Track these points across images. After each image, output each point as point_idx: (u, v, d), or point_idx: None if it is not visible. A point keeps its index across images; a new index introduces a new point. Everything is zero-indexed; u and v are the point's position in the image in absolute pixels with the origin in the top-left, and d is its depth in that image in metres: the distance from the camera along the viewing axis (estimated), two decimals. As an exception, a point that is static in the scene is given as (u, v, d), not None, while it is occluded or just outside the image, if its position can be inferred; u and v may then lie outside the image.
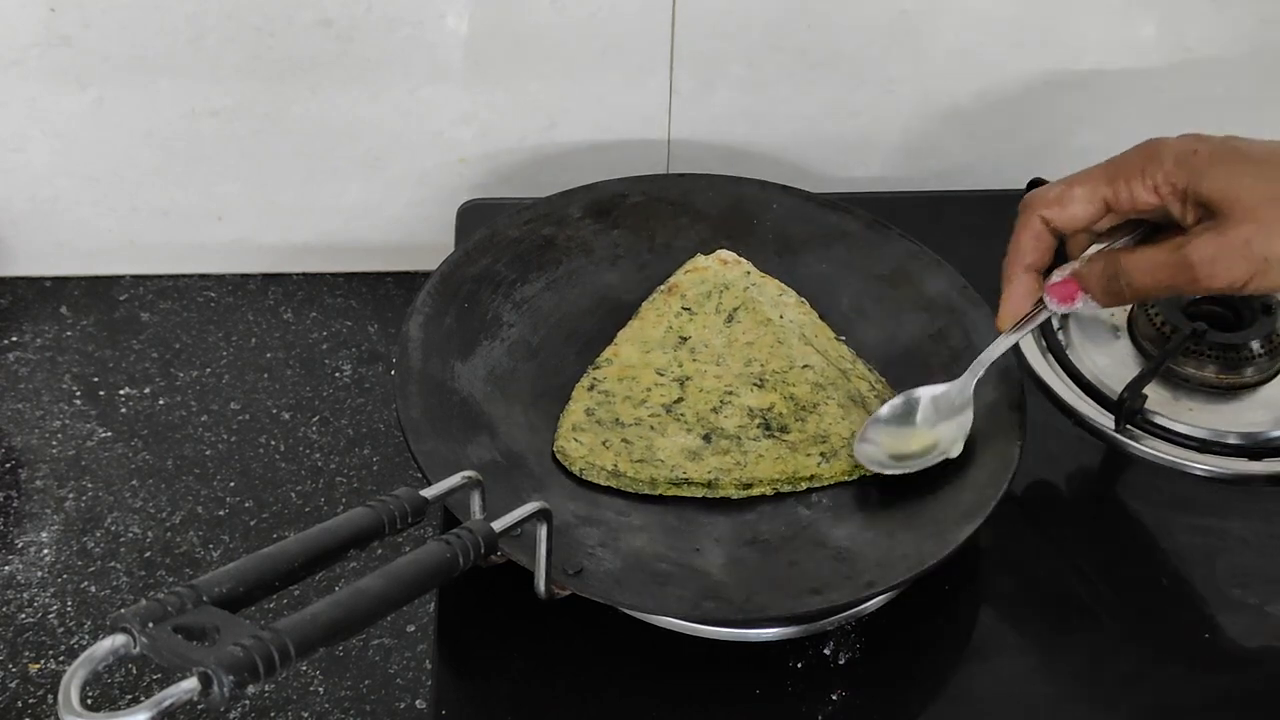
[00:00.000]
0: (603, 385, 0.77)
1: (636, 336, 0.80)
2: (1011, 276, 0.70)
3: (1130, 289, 0.67)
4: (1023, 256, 0.70)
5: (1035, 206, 0.69)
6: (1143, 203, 0.67)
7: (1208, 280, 0.64)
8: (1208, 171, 0.64)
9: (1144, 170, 0.66)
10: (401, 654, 0.73)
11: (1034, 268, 0.70)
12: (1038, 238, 0.69)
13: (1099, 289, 0.68)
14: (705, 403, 0.77)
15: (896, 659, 0.70)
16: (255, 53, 0.88)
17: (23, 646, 0.73)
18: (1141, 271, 0.66)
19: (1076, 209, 0.68)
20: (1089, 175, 0.68)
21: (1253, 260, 0.63)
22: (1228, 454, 0.80)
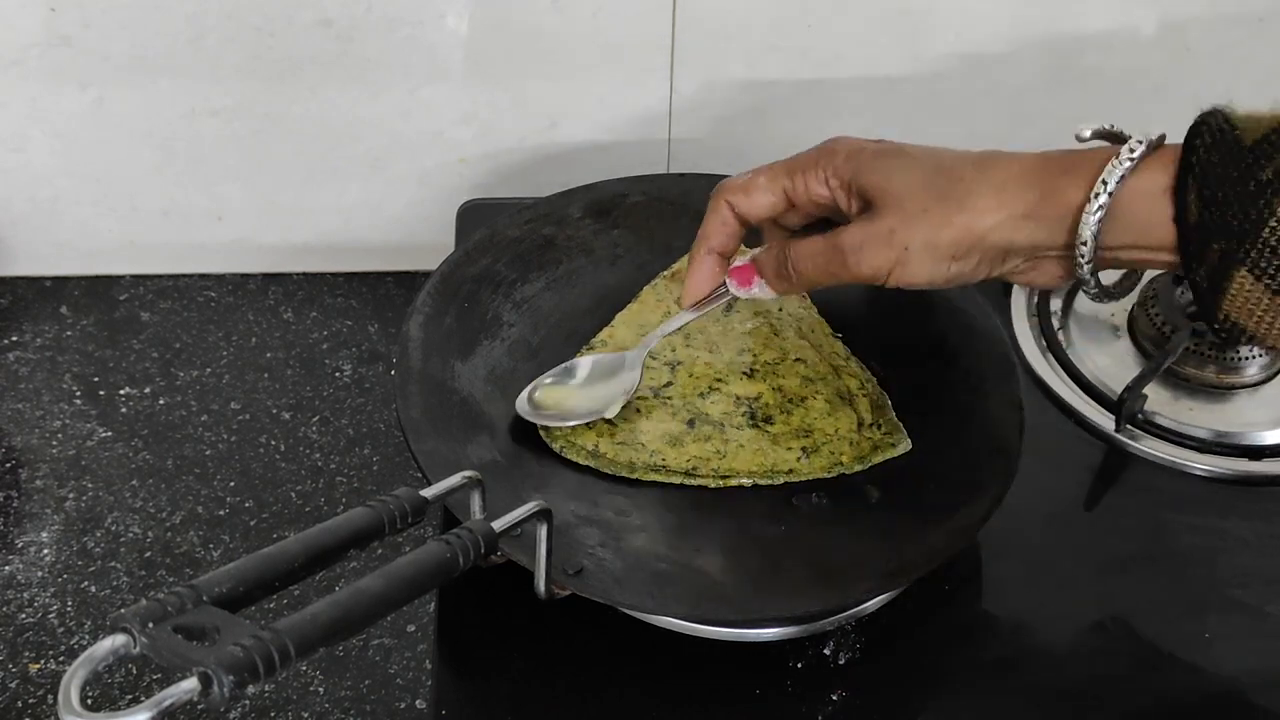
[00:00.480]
0: None
1: (634, 319, 0.81)
2: (695, 258, 0.73)
3: (795, 274, 0.69)
4: (708, 239, 0.73)
5: (723, 192, 0.72)
6: (816, 195, 0.69)
7: (855, 267, 0.66)
8: (870, 165, 0.67)
9: (818, 163, 0.69)
10: (401, 654, 0.73)
11: (717, 251, 0.73)
12: (724, 224, 0.72)
13: (771, 273, 0.70)
14: (693, 388, 0.77)
15: (896, 659, 0.70)
16: (255, 53, 0.88)
17: (23, 646, 0.73)
18: (803, 257, 0.68)
19: (759, 197, 0.71)
20: (773, 167, 0.71)
21: (894, 248, 0.64)
22: (1228, 454, 0.80)
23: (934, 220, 0.64)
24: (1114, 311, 0.88)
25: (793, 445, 0.74)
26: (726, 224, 0.72)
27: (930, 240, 0.63)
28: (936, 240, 0.63)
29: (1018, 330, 0.86)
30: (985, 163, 0.65)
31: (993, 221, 0.63)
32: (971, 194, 0.63)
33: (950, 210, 0.63)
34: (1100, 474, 0.80)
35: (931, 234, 0.63)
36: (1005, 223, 0.63)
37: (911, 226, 0.64)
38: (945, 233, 0.63)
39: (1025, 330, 0.86)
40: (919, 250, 0.64)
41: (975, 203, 0.63)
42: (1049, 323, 0.86)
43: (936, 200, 0.64)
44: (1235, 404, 0.83)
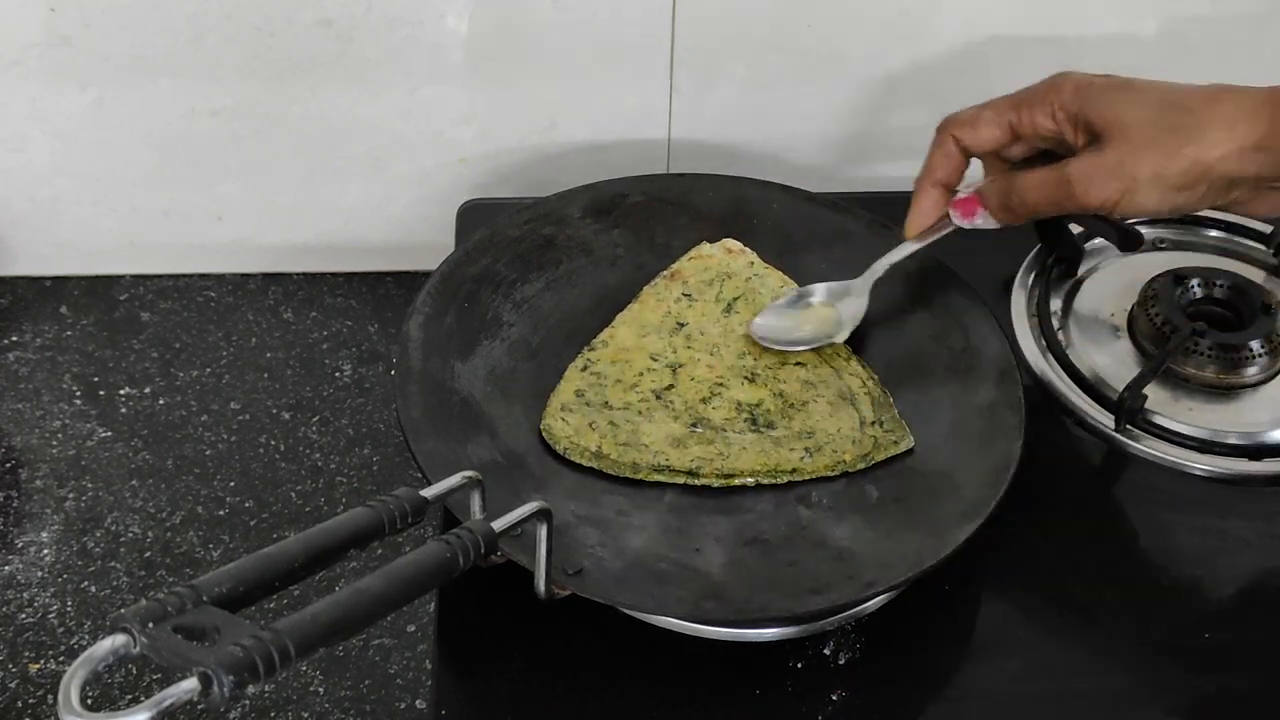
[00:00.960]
0: (595, 366, 0.78)
1: (634, 320, 0.81)
2: (921, 189, 0.76)
3: (1021, 204, 0.72)
4: (933, 172, 0.76)
5: (948, 127, 0.75)
6: (1043, 128, 0.72)
7: (1083, 197, 0.69)
8: (1098, 98, 0.69)
9: (1045, 97, 0.72)
10: (401, 654, 0.73)
11: (942, 183, 0.76)
12: (948, 156, 0.75)
13: (995, 204, 0.73)
14: (695, 392, 0.77)
15: (896, 659, 0.70)
16: (255, 53, 0.88)
17: (23, 646, 0.73)
18: (1029, 188, 0.71)
19: (985, 131, 0.74)
20: (999, 101, 0.74)
21: (1123, 179, 0.67)
22: (1228, 454, 0.80)
23: (1163, 151, 0.66)
24: (1114, 311, 0.88)
25: (795, 446, 0.74)
26: (951, 156, 0.75)
27: (1159, 171, 0.66)
28: (1165, 171, 0.66)
29: (1018, 330, 0.86)
30: (1215, 96, 0.68)
31: (1222, 152, 0.66)
32: (1201, 126, 0.66)
33: (1180, 142, 0.66)
34: (1100, 474, 0.80)
35: (1160, 165, 0.66)
36: (1234, 154, 0.66)
37: (1140, 157, 0.67)
38: (1174, 164, 0.66)
39: (1025, 330, 0.86)
40: (1147, 181, 0.67)
41: (1205, 135, 0.66)
42: (1049, 323, 0.86)
43: (1166, 132, 0.67)
44: (1235, 404, 0.83)
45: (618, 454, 0.73)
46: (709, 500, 0.73)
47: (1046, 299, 0.88)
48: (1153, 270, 0.88)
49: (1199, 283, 0.87)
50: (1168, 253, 0.93)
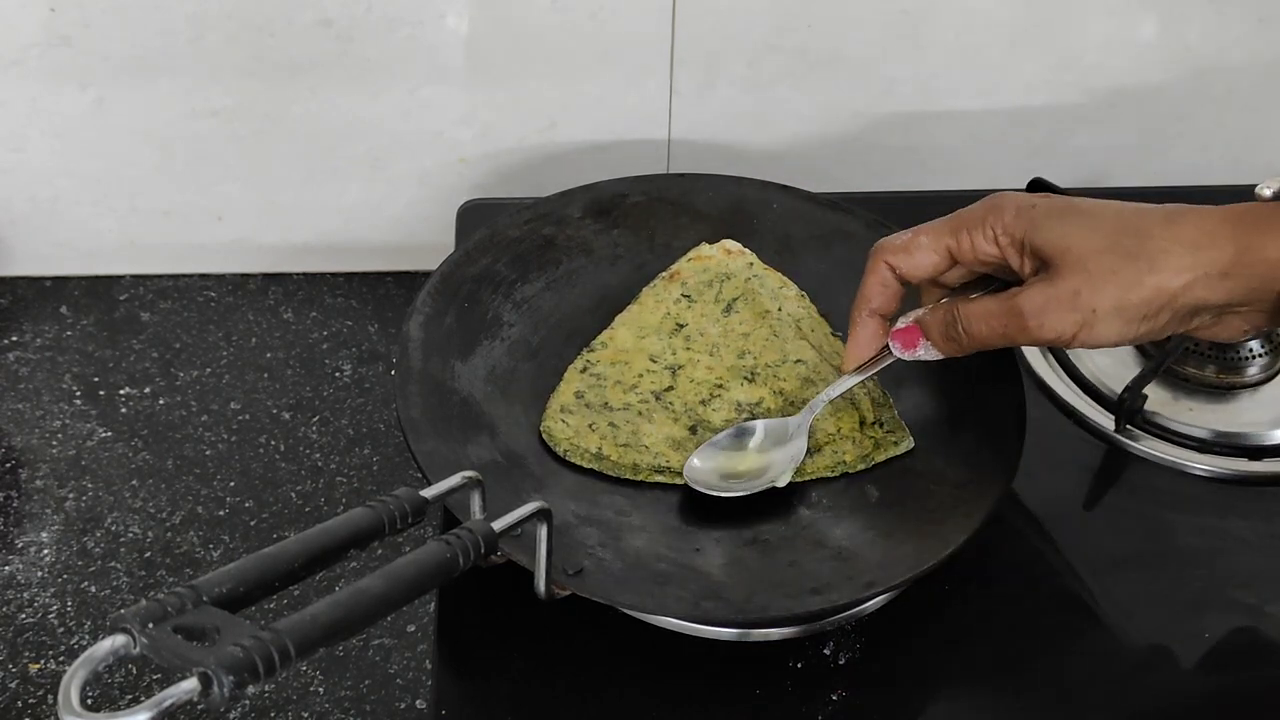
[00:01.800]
0: (595, 368, 0.78)
1: (634, 321, 0.81)
2: (856, 320, 0.72)
3: (967, 336, 0.67)
4: (869, 301, 0.71)
5: (882, 253, 0.70)
6: (984, 253, 0.67)
7: (1037, 330, 0.64)
8: (1043, 224, 0.65)
9: (985, 221, 0.67)
10: (401, 654, 0.73)
11: (879, 313, 0.71)
12: (884, 284, 0.70)
13: (938, 335, 0.69)
14: (695, 394, 0.77)
15: (896, 659, 0.70)
16: (255, 53, 0.88)
17: (23, 646, 0.73)
18: (976, 319, 0.67)
19: (921, 257, 0.69)
20: (935, 226, 0.69)
21: (1080, 311, 0.63)
22: (1228, 454, 0.80)
23: (1123, 281, 0.62)
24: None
25: None
26: (887, 285, 0.70)
27: (1120, 302, 0.62)
28: (1126, 302, 0.62)
29: (1018, 330, 0.86)
30: (1171, 218, 0.63)
31: (1186, 280, 0.62)
32: (1163, 253, 0.62)
33: (1140, 270, 0.62)
34: (1100, 474, 0.80)
35: (1121, 296, 0.62)
36: (1199, 281, 0.62)
37: (1099, 289, 0.62)
38: (1136, 293, 0.62)
39: (1025, 330, 0.86)
40: (1108, 313, 0.63)
41: (1168, 262, 0.62)
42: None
43: (1125, 260, 0.62)
44: (1235, 404, 0.83)
45: (618, 455, 0.73)
46: (709, 500, 0.73)
47: (1046, 299, 0.88)
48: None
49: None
50: (1168, 253, 0.93)
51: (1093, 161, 1.00)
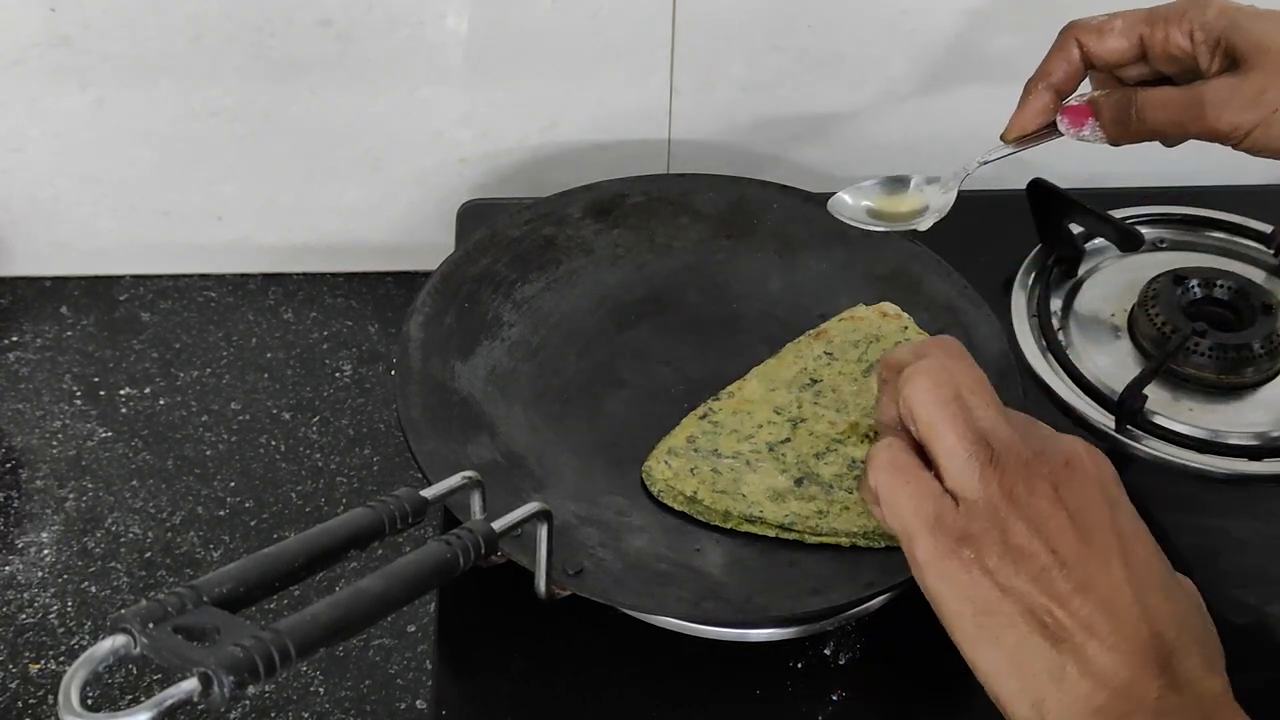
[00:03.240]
0: (715, 415, 0.75)
1: (768, 373, 0.77)
2: (1031, 91, 0.72)
3: (1139, 120, 0.68)
4: (1048, 75, 0.72)
5: (1074, 30, 0.71)
6: (1176, 47, 0.68)
7: (1214, 120, 0.65)
8: (1245, 21, 0.66)
9: (1185, 15, 0.68)
10: (402, 654, 0.73)
11: (1055, 88, 0.72)
12: (1068, 61, 0.71)
13: (1110, 117, 0.69)
14: (810, 447, 0.73)
15: (896, 659, 0.70)
16: (255, 53, 0.88)
17: (23, 647, 0.73)
18: (1153, 104, 0.67)
19: (1112, 40, 0.70)
20: (1132, 12, 0.70)
21: (1261, 108, 0.64)
22: (1228, 454, 0.80)
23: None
24: (1114, 312, 0.88)
25: None
26: (1071, 62, 0.71)
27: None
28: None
29: (1018, 330, 0.86)
30: None
31: None
32: None
33: None
34: (1100, 474, 0.80)
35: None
36: None
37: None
38: None
39: (1025, 330, 0.86)
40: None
41: None
42: (1049, 323, 0.86)
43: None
44: (1235, 404, 0.83)
45: (712, 500, 0.71)
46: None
47: (1047, 299, 0.88)
48: (1153, 270, 0.88)
49: (1199, 283, 0.87)
50: (1168, 253, 0.93)
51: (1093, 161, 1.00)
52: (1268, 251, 0.93)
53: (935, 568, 0.52)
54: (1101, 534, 0.51)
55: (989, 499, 0.51)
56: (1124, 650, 0.49)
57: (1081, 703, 0.49)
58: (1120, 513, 0.52)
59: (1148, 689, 0.49)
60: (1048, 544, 0.50)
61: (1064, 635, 0.49)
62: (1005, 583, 0.50)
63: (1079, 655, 0.49)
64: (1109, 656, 0.49)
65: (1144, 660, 0.49)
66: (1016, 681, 0.50)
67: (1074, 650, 0.49)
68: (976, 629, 0.51)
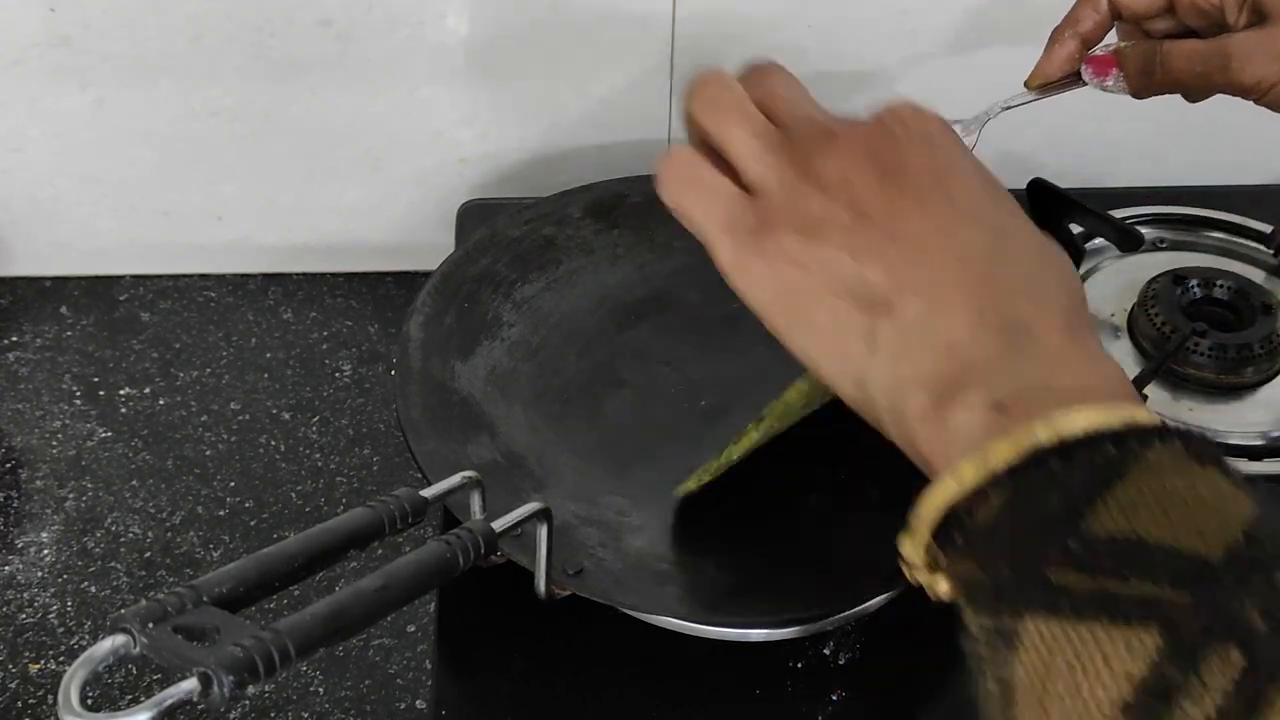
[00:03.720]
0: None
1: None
2: (1057, 38, 0.72)
3: (1163, 71, 0.68)
4: (1075, 23, 0.71)
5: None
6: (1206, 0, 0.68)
7: (1239, 73, 0.65)
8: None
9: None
10: (401, 654, 0.73)
11: (1081, 37, 0.71)
12: (1097, 10, 0.71)
13: (1134, 67, 0.69)
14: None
15: (896, 659, 0.70)
16: (255, 53, 0.88)
17: (23, 646, 0.73)
18: (1178, 55, 0.67)
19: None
20: None
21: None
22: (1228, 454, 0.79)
23: None
24: (1114, 311, 0.88)
25: None
26: (1099, 10, 0.71)
27: None
28: None
29: (1018, 330, 0.86)
30: None
31: None
32: None
33: None
34: (1100, 474, 0.80)
35: None
36: None
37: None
38: None
39: (1025, 330, 0.86)
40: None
41: None
42: (1049, 323, 0.86)
43: None
44: (1235, 404, 0.83)
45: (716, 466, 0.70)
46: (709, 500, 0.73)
47: (1046, 299, 0.88)
48: (1153, 270, 0.88)
49: (1199, 283, 0.87)
50: (1168, 253, 0.93)
51: (1094, 161, 1.00)
52: (1267, 251, 0.93)
53: (737, 268, 0.48)
54: (916, 180, 0.45)
55: (781, 180, 0.47)
56: (947, 303, 0.43)
57: (905, 368, 0.44)
58: (944, 156, 0.46)
59: (982, 347, 0.43)
60: (851, 205, 0.45)
61: (878, 298, 0.44)
62: (806, 260, 0.45)
63: (896, 317, 0.44)
64: (931, 313, 0.43)
65: (975, 315, 0.43)
66: (838, 361, 0.46)
67: (890, 312, 0.44)
68: (789, 318, 0.47)
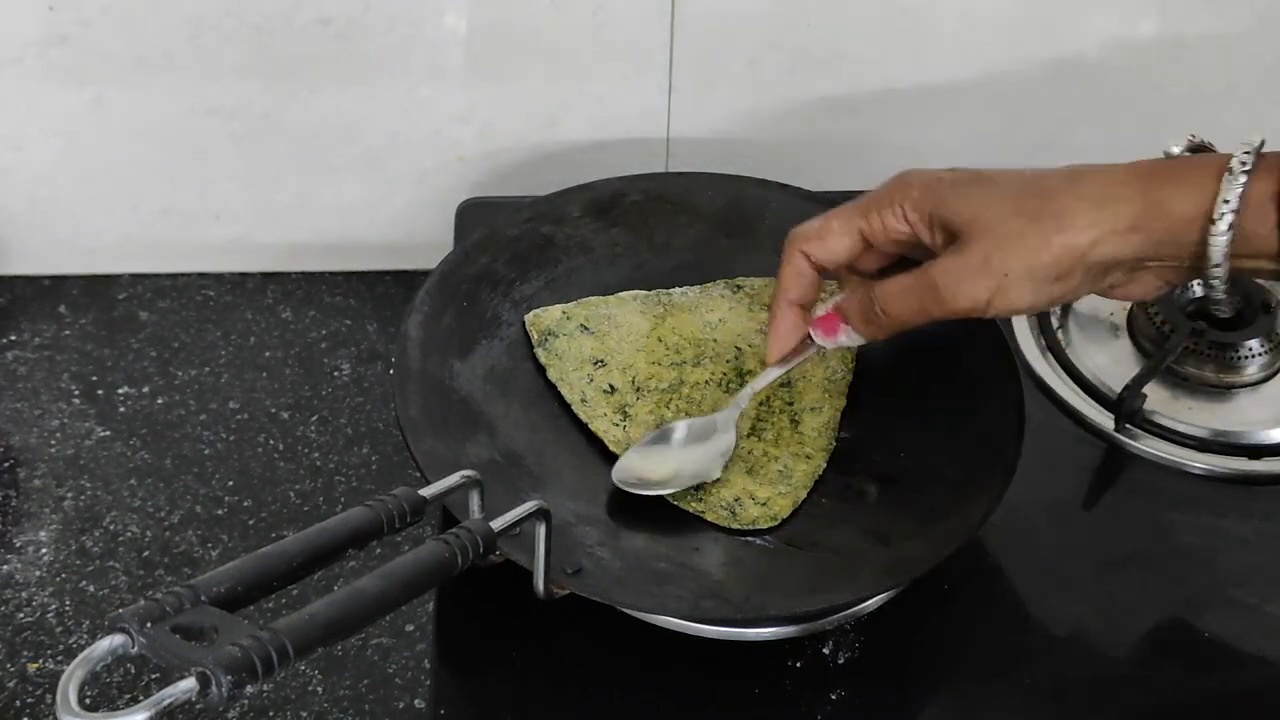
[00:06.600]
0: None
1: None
2: (777, 311, 0.72)
3: (885, 315, 0.67)
4: (786, 292, 0.71)
5: (796, 242, 0.70)
6: (895, 231, 0.67)
7: (952, 300, 0.64)
8: (949, 195, 0.65)
9: (893, 199, 0.67)
10: (400, 653, 0.73)
11: (797, 302, 0.71)
12: (801, 274, 0.70)
13: (858, 319, 0.69)
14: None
15: (896, 659, 0.70)
16: (254, 51, 0.88)
17: (21, 646, 0.73)
18: (892, 296, 0.66)
19: (834, 242, 0.69)
20: (845, 209, 0.69)
21: (992, 276, 0.63)
22: (1228, 453, 0.80)
23: (1031, 243, 0.62)
24: (1113, 311, 0.88)
25: None
26: (803, 274, 0.70)
27: (1030, 264, 0.62)
28: (1036, 263, 0.62)
29: (1017, 329, 0.86)
30: (1076, 177, 0.63)
31: (1093, 237, 0.61)
32: (1068, 211, 0.62)
33: (1048, 230, 0.62)
34: (1100, 473, 0.80)
35: (1030, 257, 0.62)
36: (1107, 238, 0.62)
37: (1008, 251, 0.62)
38: (1045, 254, 0.62)
39: (1025, 329, 0.86)
40: (1019, 276, 0.62)
41: (1074, 220, 0.62)
42: (1048, 322, 0.86)
43: (1030, 221, 0.62)
44: (1235, 403, 0.83)
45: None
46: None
47: (1046, 298, 0.88)
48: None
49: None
50: (1167, 252, 0.93)
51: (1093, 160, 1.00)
52: (1267, 251, 0.92)
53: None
54: None
55: None
56: None
57: None
58: None
59: None
60: None
61: None
62: None
63: None
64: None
65: None
66: None
67: None
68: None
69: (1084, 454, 0.81)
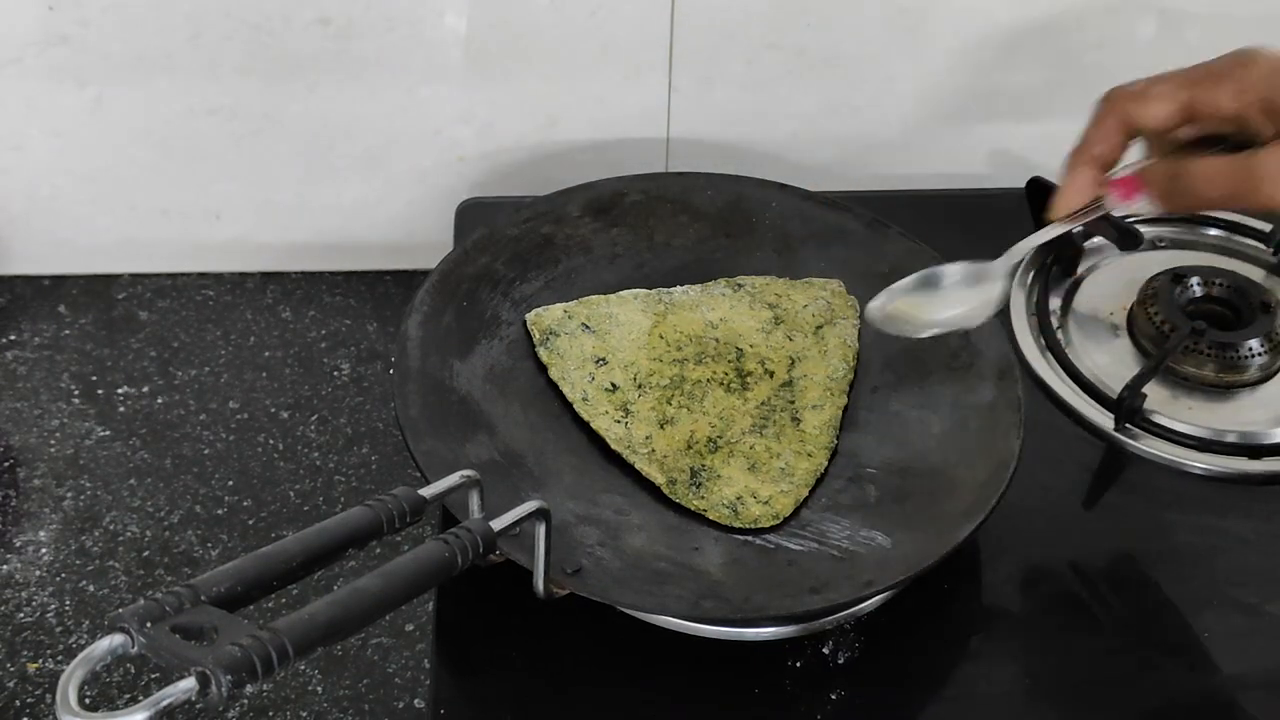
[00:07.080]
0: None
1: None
2: (1074, 166, 0.69)
3: (1191, 193, 0.64)
4: (1090, 147, 0.68)
5: (1115, 99, 0.67)
6: (1224, 108, 0.64)
7: (1269, 195, 0.61)
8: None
9: (1232, 75, 0.64)
10: (400, 653, 0.73)
11: (1099, 161, 0.68)
12: (1110, 131, 0.67)
13: (1160, 189, 0.66)
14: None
15: (896, 659, 0.70)
16: (254, 51, 0.88)
17: (21, 646, 0.73)
18: (1204, 177, 0.64)
19: (1155, 107, 0.66)
20: (1174, 75, 0.66)
21: None
22: (1227, 453, 0.80)
23: None
24: (1113, 310, 0.88)
25: None
26: (1113, 132, 0.67)
27: None
28: None
29: (1017, 329, 0.86)
30: None
31: None
32: None
33: None
34: (1099, 473, 0.80)
35: None
36: None
37: None
38: None
39: (1024, 329, 0.86)
40: None
41: None
42: (1048, 322, 0.86)
43: None
44: (1235, 403, 0.83)
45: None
46: (708, 499, 0.73)
47: (1045, 298, 0.88)
48: (1152, 269, 0.88)
49: (1198, 281, 0.87)
50: (1167, 251, 0.93)
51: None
52: (1267, 250, 0.92)
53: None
54: None
55: None
56: None
57: None
58: None
59: None
60: None
61: None
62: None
63: None
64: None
65: None
66: None
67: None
68: None
69: (1084, 454, 0.81)
